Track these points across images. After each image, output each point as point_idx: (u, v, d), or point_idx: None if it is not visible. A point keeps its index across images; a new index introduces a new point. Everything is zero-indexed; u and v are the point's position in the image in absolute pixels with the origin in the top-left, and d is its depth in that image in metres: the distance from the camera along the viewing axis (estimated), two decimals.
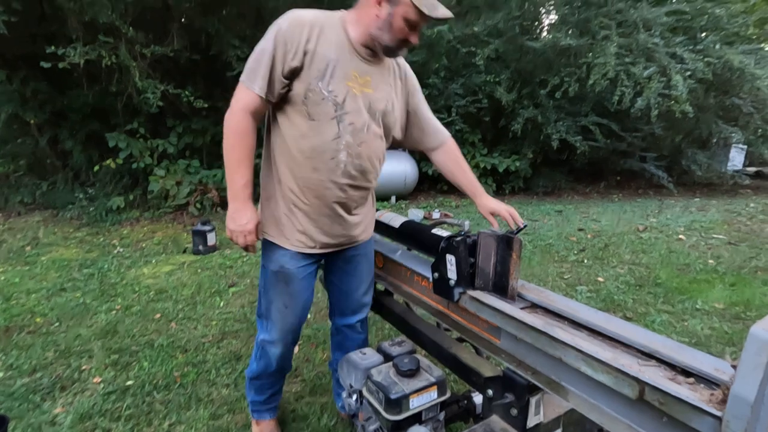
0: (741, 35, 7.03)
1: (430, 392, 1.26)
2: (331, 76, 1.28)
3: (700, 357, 0.94)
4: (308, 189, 1.37)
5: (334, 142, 1.32)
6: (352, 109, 1.32)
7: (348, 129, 1.33)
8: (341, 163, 1.35)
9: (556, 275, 3.63)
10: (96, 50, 4.61)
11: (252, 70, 1.29)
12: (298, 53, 1.26)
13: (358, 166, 1.38)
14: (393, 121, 1.46)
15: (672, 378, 0.90)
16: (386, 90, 1.41)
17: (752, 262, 3.98)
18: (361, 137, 1.35)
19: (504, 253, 1.26)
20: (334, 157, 1.33)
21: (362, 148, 1.36)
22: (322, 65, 1.27)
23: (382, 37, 1.28)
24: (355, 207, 1.47)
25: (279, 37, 1.26)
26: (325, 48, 1.28)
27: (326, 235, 1.45)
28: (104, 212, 5.27)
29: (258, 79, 1.27)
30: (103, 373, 2.20)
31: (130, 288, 3.29)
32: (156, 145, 5.75)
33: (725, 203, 7.08)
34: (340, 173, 1.36)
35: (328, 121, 1.31)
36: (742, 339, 2.54)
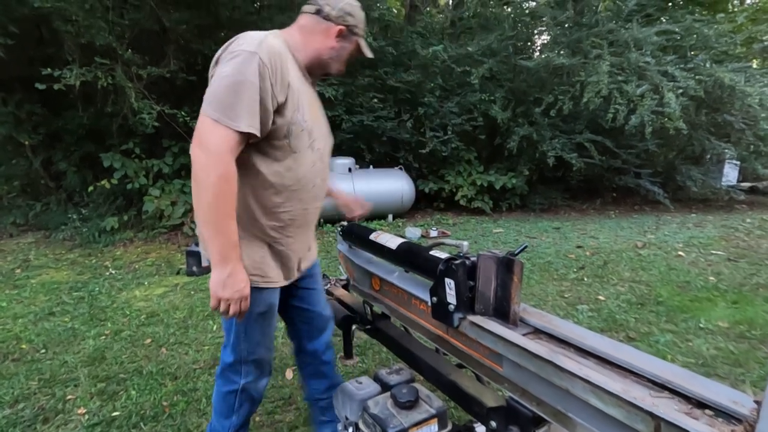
0: (730, 54, 7.16)
1: (431, 425, 1.20)
2: (303, 106, 1.25)
3: (716, 388, 0.89)
4: (292, 221, 1.33)
5: (313, 169, 1.33)
6: (318, 135, 1.35)
7: (317, 154, 1.35)
8: (317, 188, 1.38)
9: (556, 294, 3.57)
10: (92, 72, 4.62)
11: (229, 106, 1.08)
12: (284, 87, 1.17)
13: (323, 188, 1.44)
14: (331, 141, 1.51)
15: (688, 412, 0.85)
16: (322, 112, 1.44)
17: (753, 278, 3.94)
18: (325, 160, 1.42)
19: (505, 276, 1.22)
20: (314, 184, 1.35)
21: (326, 170, 1.43)
22: (295, 96, 1.22)
23: (332, 65, 1.35)
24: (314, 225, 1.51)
25: (263, 70, 1.11)
26: (292, 77, 1.22)
27: (305, 259, 1.47)
28: (97, 233, 5.20)
29: (244, 115, 1.09)
30: (89, 403, 2.11)
31: (121, 312, 3.21)
32: (151, 165, 5.72)
33: (722, 219, 7.08)
34: (315, 198, 1.39)
35: (305, 150, 1.29)
36: (748, 359, 2.49)
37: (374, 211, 6.38)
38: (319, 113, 1.41)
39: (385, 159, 7.49)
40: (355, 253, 2.02)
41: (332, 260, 4.46)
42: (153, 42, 6.05)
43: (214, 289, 1.15)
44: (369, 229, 1.88)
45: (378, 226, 6.17)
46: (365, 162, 6.96)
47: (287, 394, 2.16)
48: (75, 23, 4.62)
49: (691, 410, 0.86)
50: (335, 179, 6.00)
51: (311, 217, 1.42)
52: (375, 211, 6.38)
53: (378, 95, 7.07)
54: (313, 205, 1.39)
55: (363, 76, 6.83)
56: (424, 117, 7.07)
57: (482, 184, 7.16)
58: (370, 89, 6.97)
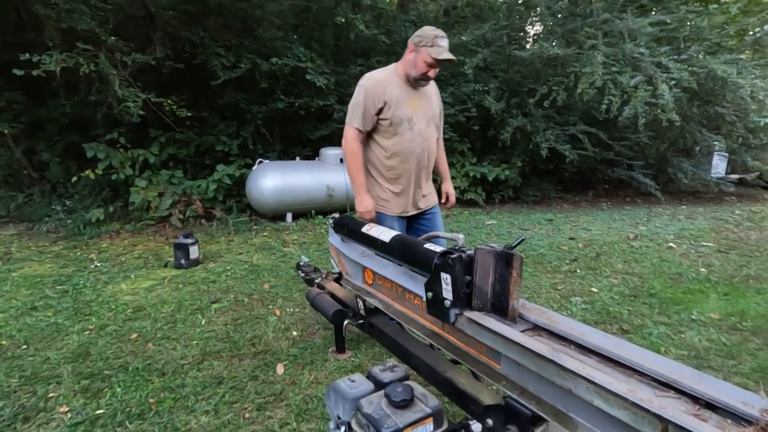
0: (722, 45, 7.16)
1: (426, 425, 1.16)
2: (402, 105, 2.11)
3: (724, 388, 0.85)
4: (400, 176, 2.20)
5: (413, 143, 2.15)
6: (418, 119, 2.16)
7: (417, 133, 2.16)
8: (417, 155, 2.18)
9: (549, 287, 3.56)
10: (74, 58, 4.45)
11: (350, 116, 2.14)
12: (380, 100, 2.08)
13: (428, 156, 2.24)
14: (436, 123, 2.32)
15: (696, 413, 0.81)
16: (429, 105, 2.24)
17: (743, 270, 3.96)
18: (425, 135, 2.19)
19: (503, 270, 1.17)
20: (415, 153, 2.17)
21: (428, 142, 2.21)
22: (394, 100, 2.09)
23: (411, 72, 2.10)
24: (427, 180, 2.31)
25: (367, 94, 2.09)
26: (393, 90, 2.11)
27: (419, 201, 2.29)
28: (82, 225, 5.06)
29: (356, 119, 2.12)
30: (72, 401, 2.04)
31: (106, 306, 3.12)
32: (137, 155, 5.58)
33: (712, 211, 7.14)
34: (417, 161, 2.18)
35: (406, 131, 2.13)
36: (741, 351, 2.49)
37: None
38: (422, 105, 2.18)
39: None
40: (348, 245, 1.96)
41: (324, 253, 4.40)
42: (139, 28, 5.88)
43: (356, 205, 2.19)
44: (361, 222, 1.82)
45: None
46: None
47: (278, 389, 2.11)
48: (55, 7, 4.44)
49: (699, 411, 0.82)
50: (326, 169, 5.91)
51: (416, 175, 2.21)
52: None
53: None
54: (414, 166, 2.18)
55: (355, 65, 6.71)
56: None
57: (475, 175, 7.12)
58: None
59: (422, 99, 2.20)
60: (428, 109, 2.22)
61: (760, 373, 2.28)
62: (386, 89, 2.09)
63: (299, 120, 6.83)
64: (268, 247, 4.69)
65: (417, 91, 2.18)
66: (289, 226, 5.60)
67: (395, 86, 2.12)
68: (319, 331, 2.71)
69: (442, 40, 2.03)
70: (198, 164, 6.37)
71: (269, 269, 3.91)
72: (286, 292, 3.36)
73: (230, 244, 4.80)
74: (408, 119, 2.12)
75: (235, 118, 6.64)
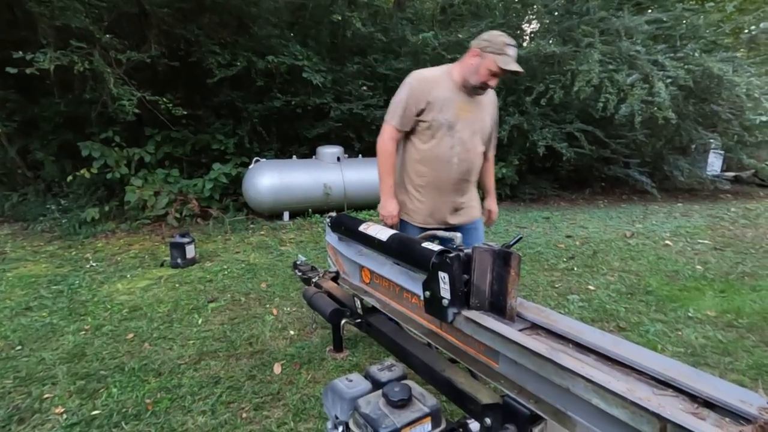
0: (718, 43, 7.17)
1: (424, 424, 1.15)
2: (446, 109, 1.94)
3: (722, 386, 0.85)
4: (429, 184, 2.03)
5: (451, 151, 1.97)
6: (462, 128, 1.97)
7: (457, 141, 1.97)
8: (454, 164, 1.99)
9: (546, 284, 3.56)
10: (68, 56, 4.41)
11: (390, 113, 2.01)
12: (424, 100, 1.94)
13: (466, 167, 2.03)
14: (486, 135, 2.11)
15: (695, 412, 0.81)
16: (482, 114, 2.05)
17: (739, 267, 3.98)
18: (467, 146, 2.00)
19: (501, 269, 1.16)
20: (450, 162, 1.99)
21: (469, 154, 2.02)
22: (438, 103, 1.93)
23: (471, 78, 1.91)
24: (463, 194, 2.09)
25: (411, 92, 1.95)
26: (440, 91, 1.94)
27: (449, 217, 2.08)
28: (78, 224, 5.02)
29: (396, 117, 1.98)
30: (67, 402, 2.03)
31: (102, 306, 3.10)
32: (132, 154, 5.54)
33: (707, 208, 7.17)
34: (452, 171, 2.00)
35: (444, 137, 1.96)
36: (737, 348, 2.51)
37: (363, 201, 6.30)
38: (472, 114, 2.00)
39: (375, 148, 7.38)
40: (345, 244, 1.95)
41: (321, 251, 4.39)
42: (133, 26, 5.83)
43: (379, 208, 2.06)
44: (358, 220, 1.81)
45: (367, 216, 6.10)
46: (354, 151, 6.85)
47: (276, 389, 2.10)
48: (49, 4, 4.39)
49: (698, 410, 0.82)
50: (323, 168, 5.89)
51: (448, 186, 2.03)
52: (364, 201, 6.30)
53: (367, 83, 6.93)
54: (448, 176, 2.00)
55: (352, 63, 6.68)
56: None
57: None
58: (359, 77, 6.83)
59: (474, 107, 2.01)
60: (477, 120, 2.03)
61: (756, 370, 2.29)
62: (432, 89, 1.94)
63: (296, 118, 6.80)
64: (265, 246, 4.67)
65: (470, 98, 1.99)
66: (286, 225, 5.58)
67: (444, 88, 1.95)
68: (317, 331, 2.70)
69: (511, 48, 1.86)
70: (194, 163, 6.33)
71: (266, 268, 3.90)
72: (283, 292, 3.35)
73: (227, 243, 4.78)
74: (449, 125, 1.95)
75: (231, 116, 6.61)
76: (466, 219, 2.13)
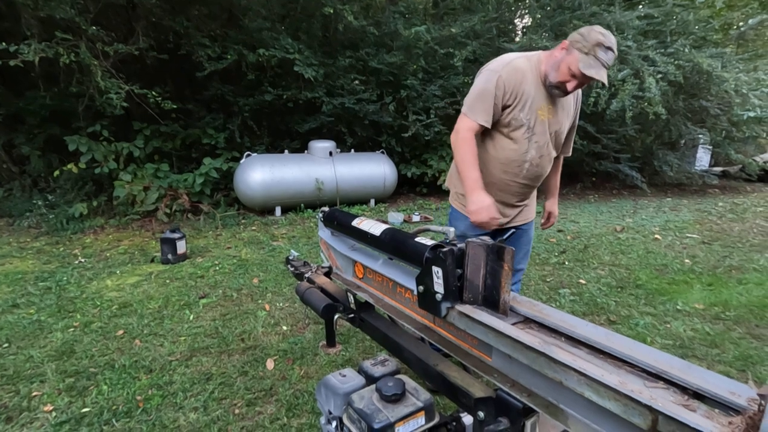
0: (708, 39, 7.24)
1: (417, 419, 1.15)
2: (530, 108, 1.72)
3: (712, 378, 0.86)
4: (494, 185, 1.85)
5: (525, 155, 1.78)
6: (540, 131, 1.77)
7: (534, 145, 1.77)
8: (525, 170, 1.82)
9: (538, 278, 3.59)
10: (53, 48, 4.32)
11: (472, 106, 1.73)
12: (512, 95, 1.69)
13: (536, 173, 1.85)
14: (561, 140, 1.89)
15: (685, 404, 0.82)
16: (562, 116, 1.81)
17: (726, 261, 4.05)
18: (542, 152, 1.81)
19: (494, 264, 1.16)
20: (522, 167, 1.81)
21: (542, 159, 1.83)
22: (524, 100, 1.70)
23: (551, 74, 1.68)
24: (524, 198, 1.95)
25: (500, 82, 1.67)
26: (527, 86, 1.70)
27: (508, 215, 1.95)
28: (65, 220, 4.95)
29: (480, 112, 1.71)
30: (56, 399, 2.00)
31: (91, 302, 3.06)
32: (121, 148, 5.46)
33: (696, 203, 7.27)
34: (522, 176, 1.84)
35: (522, 139, 1.76)
36: (724, 340, 2.55)
37: (355, 196, 6.28)
38: (553, 116, 1.78)
39: (367, 143, 7.36)
40: (337, 239, 1.94)
41: (314, 246, 4.38)
42: (120, 17, 5.72)
43: (469, 205, 1.71)
44: (351, 215, 1.80)
45: (360, 211, 6.09)
46: (346, 146, 6.82)
47: (268, 385, 2.10)
48: None
49: (688, 402, 0.83)
50: (315, 163, 5.86)
51: (514, 190, 1.88)
52: (356, 196, 6.28)
53: (359, 77, 6.89)
54: (516, 180, 1.85)
55: (344, 57, 6.63)
56: (406, 100, 6.94)
57: None
58: (351, 71, 6.78)
59: (556, 109, 1.78)
60: (557, 123, 1.80)
61: (743, 362, 2.33)
62: (523, 82, 1.69)
63: (287, 112, 6.75)
64: (257, 241, 4.64)
65: (555, 98, 1.75)
66: (278, 220, 5.55)
67: (531, 83, 1.71)
68: (310, 326, 2.70)
69: (604, 51, 1.56)
70: (184, 157, 6.26)
71: (258, 264, 3.88)
72: (276, 287, 3.34)
73: (218, 238, 4.74)
74: (529, 127, 1.73)
75: (221, 110, 6.53)
76: (522, 219, 2.01)
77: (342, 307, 1.97)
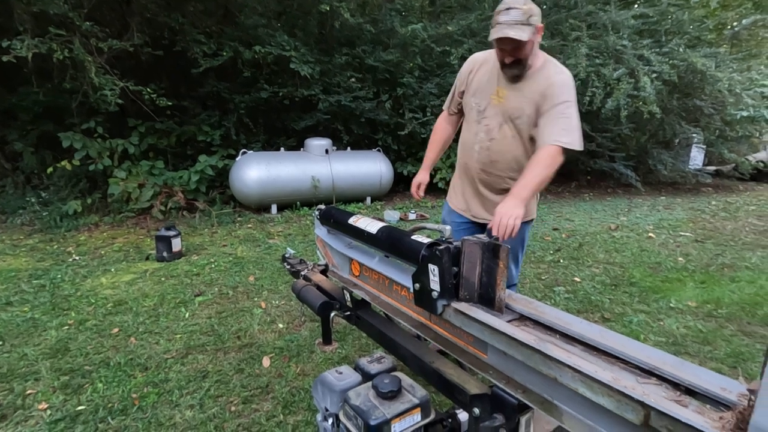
0: (702, 39, 7.29)
1: (414, 415, 1.16)
2: (482, 93, 1.85)
3: (703, 374, 0.87)
4: (458, 168, 2.05)
5: (475, 137, 1.89)
6: (490, 114, 1.83)
7: (483, 128, 1.86)
8: (476, 152, 1.90)
9: (533, 276, 3.61)
10: (47, 43, 4.27)
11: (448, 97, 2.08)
12: (465, 82, 1.92)
13: (487, 157, 1.87)
14: (524, 124, 1.79)
15: (677, 399, 0.83)
16: (519, 101, 1.77)
17: (719, 259, 4.09)
18: (492, 135, 1.84)
19: (490, 262, 1.17)
20: (473, 149, 1.90)
21: (492, 143, 1.85)
22: (475, 86, 1.87)
23: (497, 58, 1.75)
24: (491, 191, 1.93)
25: (459, 74, 1.96)
26: (480, 74, 1.86)
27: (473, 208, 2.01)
28: (59, 217, 4.91)
29: (447, 101, 2.08)
30: (51, 397, 1.99)
31: (86, 300, 3.05)
32: (116, 145, 5.42)
33: (689, 201, 7.34)
34: (473, 159, 1.91)
35: (473, 122, 1.90)
36: (716, 337, 2.58)
37: (352, 194, 6.28)
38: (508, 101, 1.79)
39: (363, 141, 7.35)
40: (334, 237, 1.94)
41: (310, 244, 4.37)
42: (115, 13, 5.67)
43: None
44: (348, 213, 1.80)
45: (356, 209, 6.09)
46: (342, 144, 6.81)
47: (264, 382, 2.10)
48: None
49: (680, 397, 0.84)
50: (311, 160, 5.85)
51: (471, 174, 1.95)
52: (353, 193, 6.28)
53: (356, 75, 6.87)
54: (471, 163, 1.93)
55: (340, 55, 6.61)
56: (403, 98, 6.94)
57: None
58: (347, 68, 6.76)
59: (513, 93, 1.76)
60: (513, 108, 1.77)
61: (734, 358, 2.36)
62: (478, 71, 1.86)
63: (283, 110, 6.72)
64: (253, 239, 4.63)
65: (512, 82, 1.75)
66: (273, 218, 5.54)
67: (487, 70, 1.83)
68: (306, 324, 2.70)
69: (506, 13, 1.58)
70: (179, 155, 6.22)
71: (254, 261, 3.87)
72: (272, 285, 3.34)
73: (214, 236, 4.73)
74: (479, 110, 1.85)
75: (217, 107, 6.50)
76: (485, 215, 1.95)
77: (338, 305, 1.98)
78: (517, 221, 1.51)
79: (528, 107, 1.75)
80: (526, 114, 1.76)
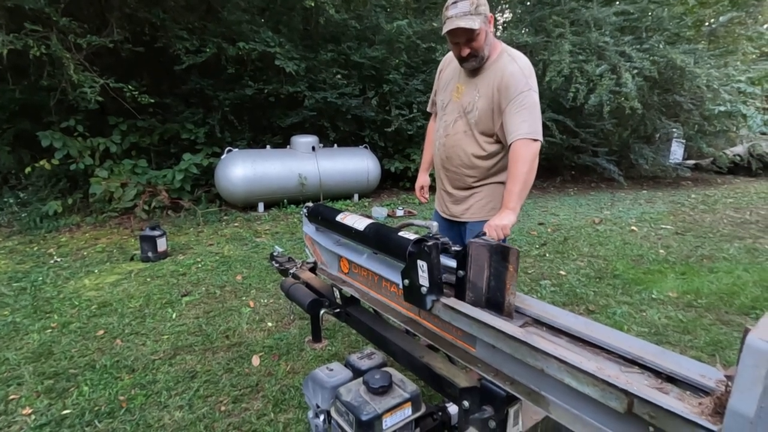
0: (681, 35, 7.44)
1: (404, 409, 1.18)
2: (446, 90, 1.90)
3: (684, 362, 0.91)
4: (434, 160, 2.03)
5: (437, 133, 1.95)
6: (450, 110, 1.87)
7: (443, 124, 1.89)
8: (440, 147, 1.92)
9: (520, 271, 3.65)
10: (22, 39, 4.15)
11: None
12: (437, 81, 1.98)
13: (446, 153, 1.89)
14: (474, 118, 1.78)
15: (659, 387, 0.86)
16: (471, 95, 1.77)
17: (698, 251, 4.20)
18: (448, 130, 1.87)
19: (499, 265, 1.16)
20: (438, 143, 1.93)
21: (448, 139, 1.87)
22: (443, 83, 1.92)
23: (454, 54, 1.75)
24: (455, 188, 1.92)
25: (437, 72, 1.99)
26: (448, 71, 1.91)
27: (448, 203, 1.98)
28: (39, 218, 4.79)
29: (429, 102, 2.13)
30: (35, 402, 1.95)
31: (69, 302, 2.99)
32: (97, 144, 5.30)
33: (670, 195, 7.51)
34: (438, 154, 1.94)
35: (440, 119, 1.94)
36: (696, 327, 2.65)
37: (339, 191, 6.26)
38: (464, 94, 1.80)
39: (350, 137, 7.33)
40: (322, 235, 1.94)
41: (297, 242, 4.36)
42: (93, 8, 5.52)
43: None
44: (335, 210, 1.80)
45: (344, 206, 6.08)
46: (329, 141, 6.78)
47: (254, 381, 2.09)
48: None
49: (662, 385, 0.87)
50: (297, 158, 5.81)
51: (438, 171, 1.97)
52: (340, 191, 6.27)
53: (342, 71, 6.84)
54: (436, 160, 1.97)
55: (325, 51, 6.57)
56: (389, 94, 6.93)
57: None
58: (333, 65, 6.73)
59: (467, 88, 1.79)
60: (466, 102, 1.78)
61: (713, 347, 2.44)
62: (445, 69, 1.91)
63: (269, 107, 6.66)
64: (240, 237, 4.59)
65: (470, 78, 1.77)
66: (260, 216, 5.49)
67: (452, 69, 1.87)
68: (295, 322, 2.69)
69: (451, 8, 1.60)
70: (162, 153, 6.12)
71: (241, 260, 3.84)
72: (260, 283, 3.32)
73: (200, 235, 4.67)
74: (443, 107, 1.90)
75: (200, 104, 6.40)
76: (466, 217, 1.91)
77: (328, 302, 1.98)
78: (506, 230, 1.62)
79: (480, 101, 1.73)
80: (477, 107, 1.74)
